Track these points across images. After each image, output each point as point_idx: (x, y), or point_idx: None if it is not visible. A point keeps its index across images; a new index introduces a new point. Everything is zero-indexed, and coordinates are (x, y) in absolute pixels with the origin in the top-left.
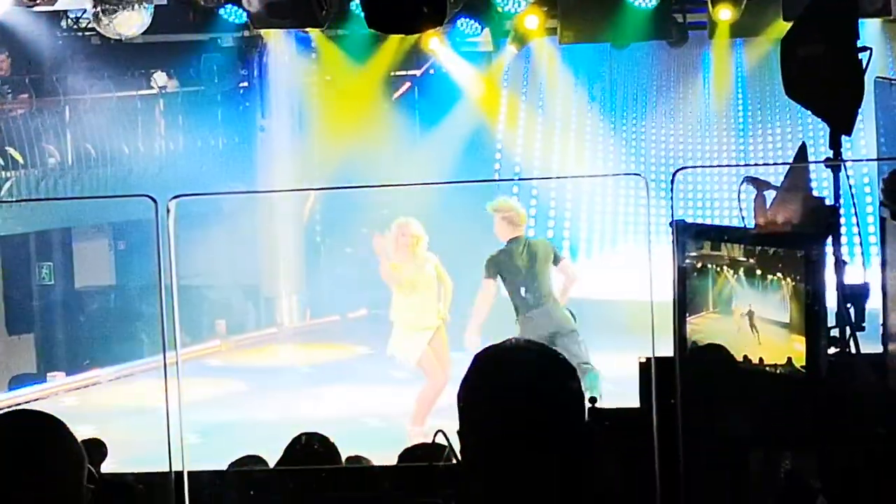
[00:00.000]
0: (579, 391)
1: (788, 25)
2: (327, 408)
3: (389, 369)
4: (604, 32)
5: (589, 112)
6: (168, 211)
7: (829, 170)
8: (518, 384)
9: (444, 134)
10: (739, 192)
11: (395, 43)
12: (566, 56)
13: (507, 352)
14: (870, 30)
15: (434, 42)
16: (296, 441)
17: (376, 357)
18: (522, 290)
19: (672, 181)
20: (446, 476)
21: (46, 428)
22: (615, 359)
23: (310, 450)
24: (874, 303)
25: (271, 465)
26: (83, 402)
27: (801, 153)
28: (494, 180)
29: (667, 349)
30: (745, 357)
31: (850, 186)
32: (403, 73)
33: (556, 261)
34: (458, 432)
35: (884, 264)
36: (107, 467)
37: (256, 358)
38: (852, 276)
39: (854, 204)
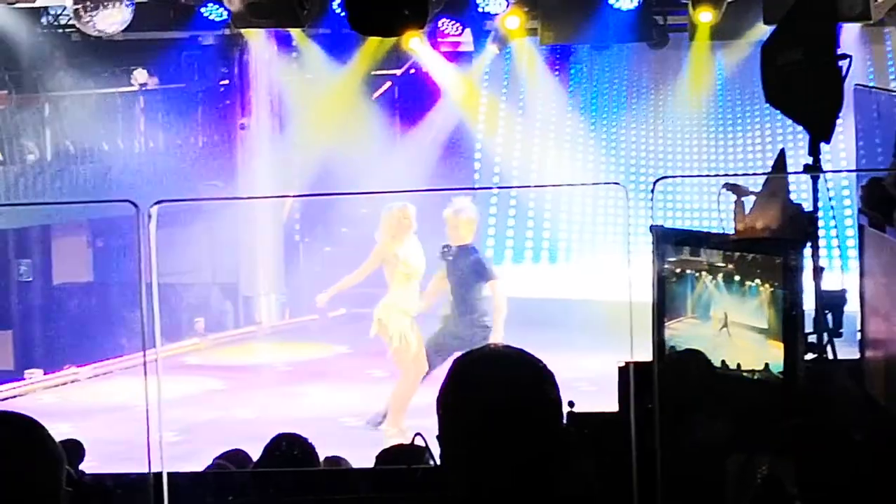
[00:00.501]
0: (557, 396)
1: (768, 29)
2: (305, 407)
3: (367, 368)
4: (584, 33)
5: (569, 112)
6: (150, 216)
7: (808, 177)
8: (497, 389)
9: (424, 133)
10: (719, 198)
11: (375, 42)
12: (547, 57)
13: (486, 357)
14: (849, 34)
15: (415, 42)
16: (274, 442)
17: (355, 356)
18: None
19: (653, 190)
20: (425, 479)
21: (25, 430)
22: (593, 359)
23: (289, 451)
24: (852, 308)
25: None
26: (61, 400)
27: (781, 159)
28: (473, 189)
29: (645, 353)
30: (723, 362)
31: (829, 192)
32: (384, 72)
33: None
34: (438, 437)
35: (862, 272)
36: (85, 466)
37: (235, 356)
38: (830, 283)
39: (832, 211)
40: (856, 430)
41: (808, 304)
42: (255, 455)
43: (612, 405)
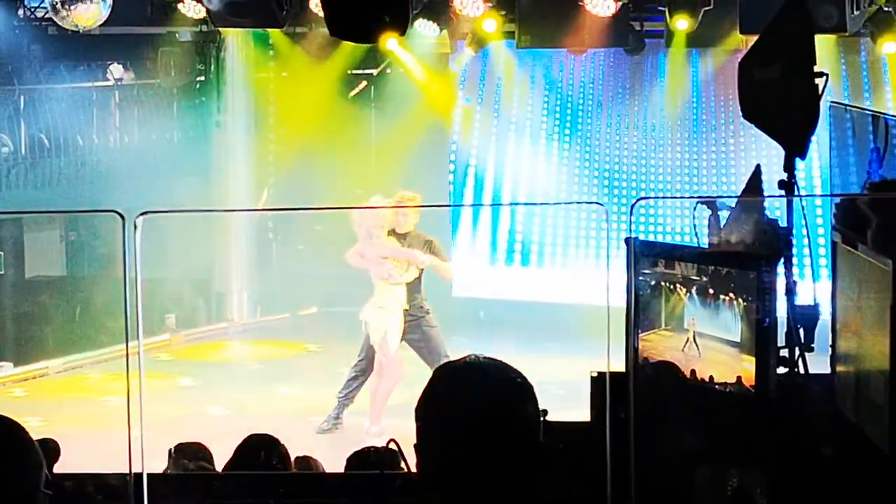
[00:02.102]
0: (536, 408)
1: (744, 38)
2: (276, 405)
3: (339, 367)
4: (561, 38)
5: (544, 115)
6: (136, 227)
7: (782, 192)
8: (477, 400)
9: (399, 133)
10: (694, 212)
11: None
12: (523, 60)
13: (465, 367)
14: (824, 45)
15: (392, 42)
16: (246, 442)
17: (326, 355)
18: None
19: (631, 211)
20: (400, 486)
21: (6, 430)
22: (563, 362)
23: (259, 452)
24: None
25: (216, 456)
26: (31, 394)
27: (756, 175)
28: (447, 206)
29: (617, 363)
30: (695, 375)
31: (803, 209)
32: (360, 71)
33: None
34: (416, 446)
35: (834, 288)
36: (58, 464)
37: (206, 353)
38: (803, 298)
39: (806, 227)
40: (825, 445)
41: (781, 318)
42: (222, 457)
43: (581, 411)
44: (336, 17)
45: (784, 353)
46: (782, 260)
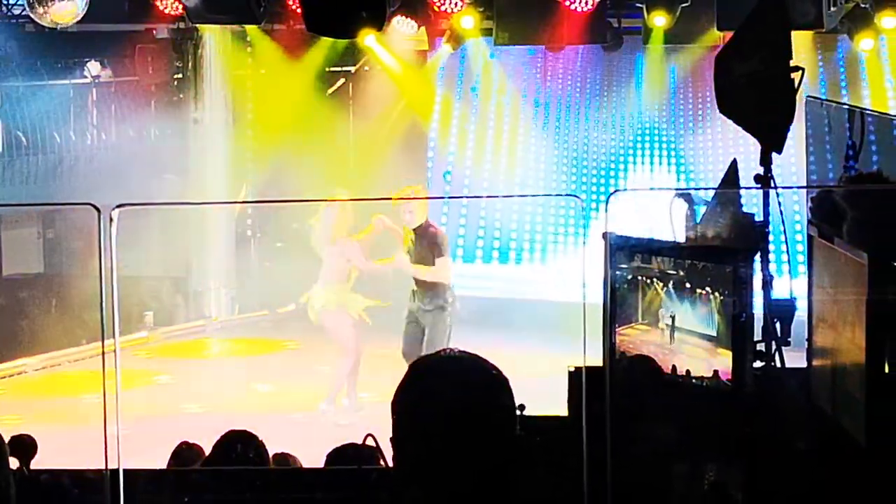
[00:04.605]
0: (512, 402)
1: (722, 34)
2: (254, 402)
3: (317, 364)
4: (539, 35)
5: (522, 112)
6: (111, 220)
7: (759, 185)
8: (453, 394)
9: (377, 130)
10: (671, 206)
11: (330, 39)
12: (501, 57)
13: (442, 362)
14: (801, 42)
15: (369, 39)
16: (224, 439)
17: (304, 352)
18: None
19: (607, 204)
20: (377, 480)
21: None
22: (541, 358)
23: (238, 448)
24: (800, 317)
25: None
26: (8, 391)
27: (733, 169)
28: (426, 198)
29: (593, 357)
30: (673, 369)
31: (780, 204)
32: (338, 68)
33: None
34: (392, 439)
35: (810, 282)
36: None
37: (184, 351)
38: (779, 292)
39: (783, 221)
40: (802, 439)
41: (758, 312)
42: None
43: (557, 406)
44: (313, 13)
45: (761, 347)
46: (759, 254)
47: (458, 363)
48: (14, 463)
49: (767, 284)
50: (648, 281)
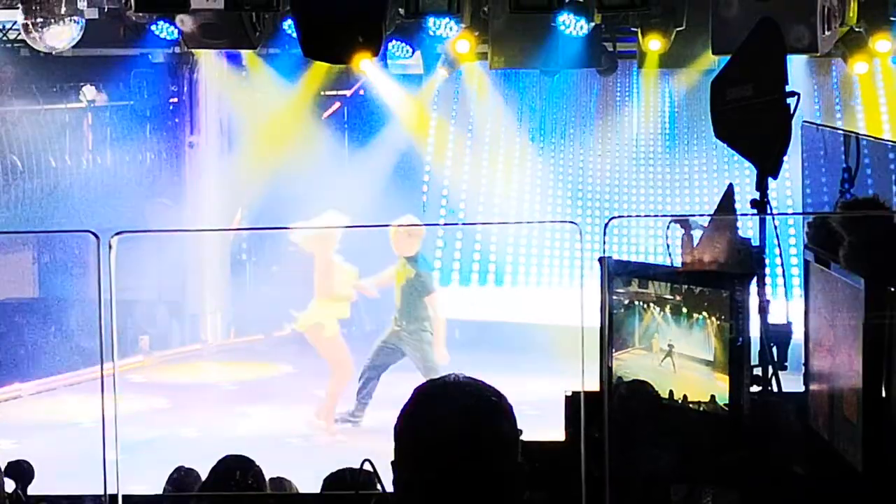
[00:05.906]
0: (515, 429)
1: (716, 59)
2: (250, 426)
3: (313, 388)
4: (534, 59)
5: (518, 136)
6: (110, 247)
7: (755, 210)
8: (457, 420)
9: (372, 155)
10: (667, 231)
11: (325, 63)
12: (496, 81)
13: (447, 387)
14: (796, 66)
15: (365, 63)
16: (221, 464)
17: (300, 376)
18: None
19: (605, 230)
20: None
21: None
22: (537, 382)
23: (235, 473)
24: (797, 342)
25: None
26: (4, 416)
27: (729, 194)
28: (419, 224)
29: (591, 382)
30: (670, 393)
31: (776, 228)
32: (333, 92)
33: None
34: (393, 463)
35: (807, 307)
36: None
37: (180, 374)
38: (776, 317)
39: (779, 246)
40: (799, 463)
41: (755, 337)
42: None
43: (554, 430)
44: (309, 38)
45: (757, 371)
46: (755, 279)
47: (464, 387)
48: (10, 487)
49: (764, 309)
50: (645, 306)
